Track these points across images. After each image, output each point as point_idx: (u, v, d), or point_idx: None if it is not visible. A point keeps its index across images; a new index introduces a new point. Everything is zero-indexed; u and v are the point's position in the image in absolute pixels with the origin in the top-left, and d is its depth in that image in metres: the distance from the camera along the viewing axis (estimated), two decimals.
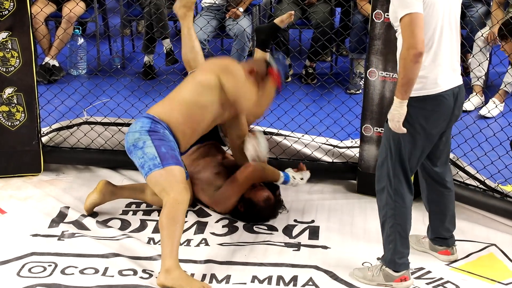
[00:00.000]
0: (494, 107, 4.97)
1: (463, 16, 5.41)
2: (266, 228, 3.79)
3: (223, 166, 3.95)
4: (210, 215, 3.90)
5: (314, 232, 3.74)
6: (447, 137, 3.24)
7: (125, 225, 3.81)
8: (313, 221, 3.85)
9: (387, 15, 3.73)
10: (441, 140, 3.20)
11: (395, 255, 3.21)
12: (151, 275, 3.32)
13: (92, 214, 3.87)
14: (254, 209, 3.77)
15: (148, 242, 3.63)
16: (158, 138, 3.44)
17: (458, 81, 3.08)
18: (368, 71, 3.89)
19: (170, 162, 3.39)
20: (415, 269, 3.41)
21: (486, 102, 5.19)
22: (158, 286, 3.22)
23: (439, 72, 2.99)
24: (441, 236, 3.46)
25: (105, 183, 3.88)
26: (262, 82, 3.66)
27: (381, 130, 3.92)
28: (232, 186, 3.78)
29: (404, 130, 2.99)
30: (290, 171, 3.92)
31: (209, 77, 3.57)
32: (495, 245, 3.63)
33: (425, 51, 2.90)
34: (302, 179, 3.93)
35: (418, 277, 3.35)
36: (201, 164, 3.96)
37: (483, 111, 5.02)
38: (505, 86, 5.02)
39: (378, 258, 3.47)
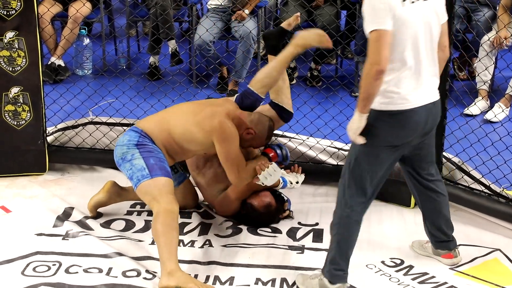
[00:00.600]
0: (500, 112, 4.96)
1: (469, 20, 5.46)
2: (270, 230, 3.79)
3: None
4: (214, 217, 3.90)
5: (318, 235, 3.74)
6: (425, 147, 3.20)
7: (129, 225, 3.81)
8: (317, 224, 3.85)
9: None
10: (418, 152, 3.18)
11: (332, 265, 3.16)
12: (154, 276, 3.32)
13: (96, 214, 3.87)
14: (254, 213, 3.77)
15: (152, 243, 3.62)
16: (146, 151, 3.51)
17: (433, 97, 3.05)
18: None
19: (158, 173, 3.44)
20: (419, 273, 3.41)
21: (491, 106, 5.18)
22: None
23: (410, 88, 2.94)
24: (441, 240, 3.45)
25: (112, 184, 3.89)
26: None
27: None
28: (233, 193, 3.78)
29: (361, 141, 2.99)
30: (285, 175, 3.89)
31: (204, 134, 3.54)
32: (499, 250, 3.62)
33: (397, 67, 2.90)
34: (297, 182, 3.90)
35: (422, 282, 3.35)
36: (205, 164, 3.94)
37: (489, 116, 5.01)
38: (511, 90, 5.01)
39: (382, 262, 3.46)
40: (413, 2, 2.88)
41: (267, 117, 3.68)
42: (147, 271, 3.36)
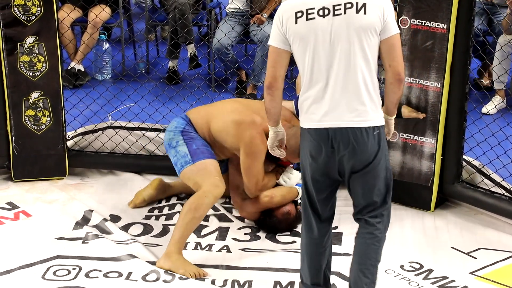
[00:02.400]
0: None
1: (490, 22, 5.43)
2: (289, 234, 3.78)
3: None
4: (233, 222, 3.90)
5: (337, 239, 3.72)
6: (354, 188, 2.90)
7: (147, 230, 3.82)
8: (336, 228, 3.82)
9: (413, 21, 3.73)
10: (349, 187, 2.93)
11: (301, 271, 3.09)
12: (173, 276, 3.33)
13: (115, 218, 3.89)
14: (272, 219, 3.76)
15: None
16: (190, 138, 3.65)
17: (341, 122, 2.78)
18: None
19: (200, 157, 3.58)
20: (439, 277, 3.39)
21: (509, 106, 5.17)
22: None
23: (310, 108, 2.82)
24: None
25: (159, 181, 4.06)
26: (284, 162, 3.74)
27: (407, 136, 3.91)
28: (251, 208, 3.79)
29: (279, 153, 3.13)
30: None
31: (233, 139, 3.62)
32: None
33: (302, 85, 2.84)
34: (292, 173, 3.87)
35: (442, 286, 3.33)
36: (234, 165, 3.94)
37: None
38: None
39: (401, 266, 3.45)
40: (310, 19, 2.75)
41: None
42: (166, 272, 3.37)
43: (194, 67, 5.78)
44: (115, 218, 3.90)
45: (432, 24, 3.73)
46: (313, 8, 2.75)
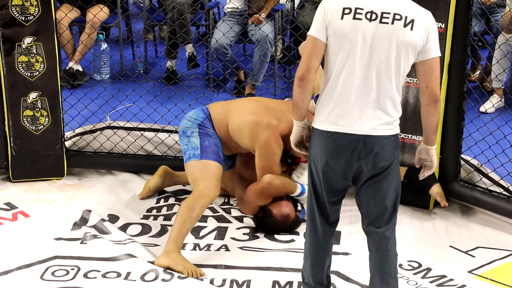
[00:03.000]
0: None
1: (487, 22, 5.44)
2: (287, 233, 3.78)
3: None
4: (231, 222, 3.90)
5: (335, 237, 3.71)
6: (366, 196, 2.87)
7: (145, 230, 3.82)
8: None
9: None
10: (357, 196, 2.92)
11: (303, 270, 3.05)
12: (172, 276, 3.33)
13: (113, 218, 3.89)
14: (270, 219, 3.75)
15: None
16: (205, 133, 3.70)
17: (365, 130, 2.74)
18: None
19: (209, 156, 3.63)
20: (437, 276, 3.39)
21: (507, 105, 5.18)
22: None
23: (332, 111, 2.75)
24: None
25: (164, 169, 4.12)
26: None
27: (405, 136, 3.91)
28: (251, 194, 3.77)
29: (301, 152, 2.98)
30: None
31: (249, 140, 3.65)
32: None
33: (324, 83, 2.77)
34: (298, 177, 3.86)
35: (440, 285, 3.33)
36: (242, 158, 3.96)
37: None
38: None
39: (399, 265, 3.45)
40: (357, 18, 2.69)
41: None
42: (164, 270, 3.37)
43: (192, 67, 5.78)
44: (113, 218, 3.90)
45: None
46: (362, 9, 2.68)
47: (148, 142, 4.43)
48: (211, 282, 3.34)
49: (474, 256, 3.58)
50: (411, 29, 2.69)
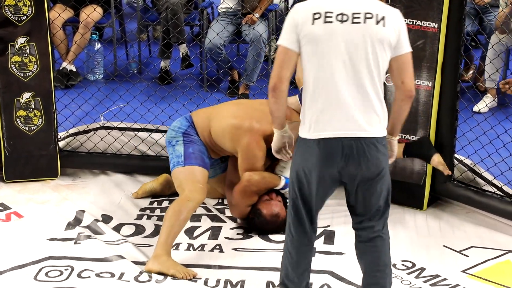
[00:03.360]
0: None
1: (481, 21, 5.45)
2: (282, 233, 3.77)
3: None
4: (225, 222, 3.90)
5: (329, 237, 3.73)
6: (362, 197, 2.84)
7: (139, 230, 3.82)
8: (328, 226, 3.84)
9: (410, 21, 3.72)
10: (351, 196, 2.88)
11: (284, 278, 2.97)
12: (165, 277, 3.33)
13: (106, 219, 3.89)
14: (260, 219, 3.74)
15: None
16: (189, 140, 3.74)
17: (356, 132, 2.71)
18: (385, 77, 3.86)
19: (192, 162, 3.67)
20: (431, 276, 3.39)
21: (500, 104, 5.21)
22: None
23: (318, 118, 2.72)
24: None
25: (166, 177, 4.13)
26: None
27: (399, 135, 3.90)
28: (235, 195, 3.77)
29: (284, 158, 3.05)
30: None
31: (231, 143, 3.67)
32: None
33: (305, 92, 2.74)
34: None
35: (434, 284, 3.34)
36: (232, 163, 3.94)
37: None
38: None
39: (393, 265, 3.45)
40: (327, 22, 2.69)
41: None
42: (158, 272, 3.37)
43: (186, 67, 5.77)
44: (107, 219, 3.89)
45: (424, 23, 3.73)
46: (332, 12, 2.68)
47: (142, 142, 4.42)
48: (205, 282, 3.34)
49: (468, 256, 3.58)
50: (384, 25, 2.69)
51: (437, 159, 3.85)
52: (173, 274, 3.35)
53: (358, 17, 2.69)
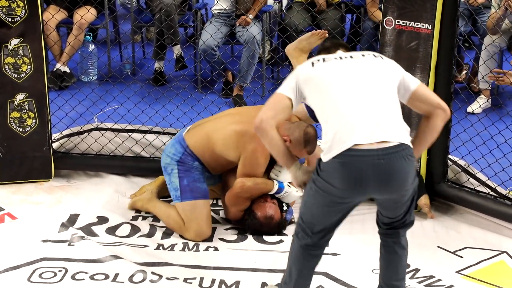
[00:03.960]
0: None
1: (474, 23, 5.47)
2: (276, 235, 3.78)
3: None
4: (220, 223, 3.90)
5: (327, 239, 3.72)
6: (390, 205, 2.81)
7: (135, 230, 3.81)
8: None
9: (398, 21, 3.74)
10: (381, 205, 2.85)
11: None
12: (160, 277, 3.33)
13: (101, 220, 3.88)
14: (255, 222, 3.74)
15: (157, 248, 3.64)
16: (184, 169, 3.70)
17: (383, 138, 2.61)
18: None
19: (188, 196, 3.68)
20: (425, 276, 3.39)
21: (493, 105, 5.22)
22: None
23: (333, 134, 2.64)
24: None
25: (163, 179, 4.04)
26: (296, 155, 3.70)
27: None
28: (228, 201, 3.77)
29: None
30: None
31: (235, 152, 3.63)
32: (506, 252, 3.61)
33: (322, 124, 2.68)
34: (297, 191, 3.79)
35: (429, 285, 3.34)
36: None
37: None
38: None
39: None
40: (327, 61, 2.75)
41: (305, 124, 3.56)
42: (153, 272, 3.36)
43: (180, 68, 5.77)
44: (101, 220, 3.88)
45: (417, 24, 3.73)
46: (330, 57, 2.76)
47: (136, 143, 4.42)
48: (200, 283, 3.33)
49: (462, 257, 3.59)
50: (382, 58, 2.77)
51: (423, 200, 3.88)
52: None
53: (357, 55, 2.77)
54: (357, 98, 2.65)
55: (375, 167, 2.58)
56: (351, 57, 2.77)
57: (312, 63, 2.76)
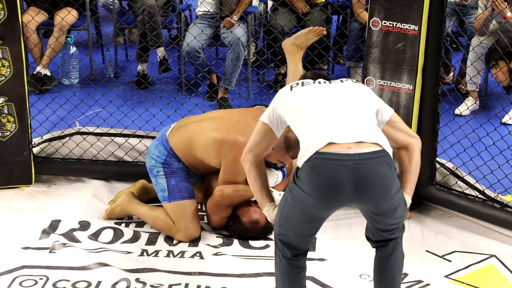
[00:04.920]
0: None
1: (461, 24, 5.46)
2: (262, 239, 3.74)
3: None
4: (204, 229, 3.85)
5: (311, 244, 3.67)
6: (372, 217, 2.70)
7: (118, 235, 3.77)
8: None
9: (384, 22, 3.71)
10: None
11: None
12: (145, 284, 3.30)
13: (83, 226, 3.83)
14: (239, 226, 3.70)
15: (142, 254, 3.60)
16: (170, 171, 3.68)
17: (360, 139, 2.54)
18: (365, 80, 3.86)
19: (176, 197, 3.66)
20: (413, 281, 3.37)
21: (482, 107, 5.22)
22: None
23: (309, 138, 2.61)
24: None
25: (143, 183, 4.09)
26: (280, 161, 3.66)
27: None
28: (209, 208, 3.74)
29: None
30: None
31: (216, 160, 3.60)
32: (495, 256, 3.59)
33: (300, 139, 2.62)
34: (280, 194, 3.72)
35: None
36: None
37: (505, 119, 5.07)
38: None
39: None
40: (305, 85, 2.76)
41: (286, 129, 3.55)
42: (137, 280, 3.33)
43: (163, 71, 5.75)
44: (83, 226, 3.84)
45: (404, 25, 3.71)
46: (309, 81, 2.78)
47: (118, 148, 4.37)
48: None
49: (450, 261, 3.57)
50: (361, 84, 2.80)
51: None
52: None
53: (336, 82, 2.78)
54: (334, 109, 2.61)
55: (350, 173, 2.46)
56: (329, 82, 2.78)
57: (291, 87, 2.77)
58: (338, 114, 2.59)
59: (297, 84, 2.77)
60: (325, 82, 2.76)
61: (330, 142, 2.48)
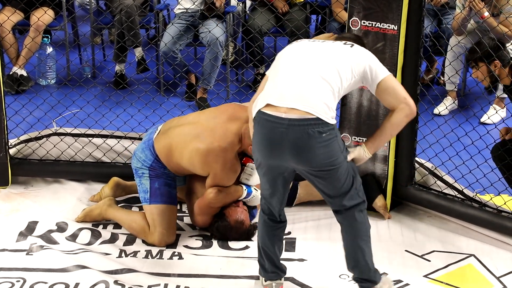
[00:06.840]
0: (494, 113, 5.00)
1: (439, 23, 5.49)
2: (241, 241, 3.72)
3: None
4: (184, 230, 3.84)
5: (290, 244, 3.69)
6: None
7: (95, 236, 3.74)
8: (289, 233, 3.78)
9: (364, 22, 3.71)
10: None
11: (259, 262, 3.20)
12: (123, 286, 3.28)
13: (61, 228, 3.80)
14: (224, 223, 3.68)
15: (120, 255, 3.58)
16: (155, 174, 3.67)
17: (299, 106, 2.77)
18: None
19: (157, 200, 3.64)
20: (393, 281, 3.36)
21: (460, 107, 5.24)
22: None
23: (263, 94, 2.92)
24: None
25: (116, 181, 4.07)
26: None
27: (359, 139, 3.88)
28: (199, 207, 3.71)
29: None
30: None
31: (203, 170, 3.56)
32: (474, 255, 3.61)
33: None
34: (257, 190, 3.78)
35: None
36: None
37: (483, 118, 5.09)
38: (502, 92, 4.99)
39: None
40: (299, 41, 3.03)
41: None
42: (115, 282, 3.31)
43: (141, 71, 5.73)
44: (61, 227, 3.81)
45: (383, 25, 3.71)
46: (306, 40, 3.00)
47: (96, 148, 4.34)
48: None
49: (430, 260, 3.57)
50: (352, 46, 2.94)
51: (379, 203, 3.88)
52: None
53: (330, 42, 2.98)
54: (296, 72, 2.82)
55: (278, 134, 2.75)
56: (322, 41, 2.95)
57: (292, 43, 2.99)
58: (292, 76, 2.82)
59: (297, 41, 2.99)
60: (318, 41, 2.96)
61: (268, 104, 2.78)
